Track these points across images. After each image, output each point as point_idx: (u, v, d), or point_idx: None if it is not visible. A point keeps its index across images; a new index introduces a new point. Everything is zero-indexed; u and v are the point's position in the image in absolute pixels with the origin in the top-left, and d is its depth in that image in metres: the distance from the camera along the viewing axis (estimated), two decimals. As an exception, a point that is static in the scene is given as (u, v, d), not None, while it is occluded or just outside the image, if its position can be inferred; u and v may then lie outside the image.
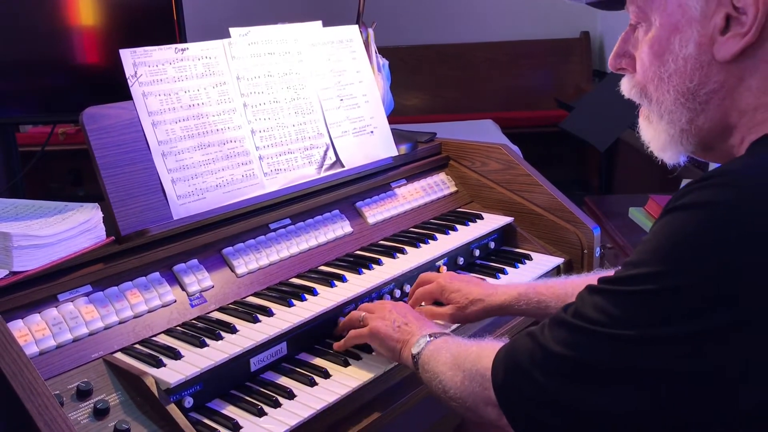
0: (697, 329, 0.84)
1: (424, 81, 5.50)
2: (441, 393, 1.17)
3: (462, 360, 1.14)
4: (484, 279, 1.74)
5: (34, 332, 1.19)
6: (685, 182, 2.81)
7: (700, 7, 0.94)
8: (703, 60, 0.95)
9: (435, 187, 2.02)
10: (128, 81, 1.42)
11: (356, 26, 1.92)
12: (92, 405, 1.14)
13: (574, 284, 1.46)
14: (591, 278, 1.47)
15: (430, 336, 1.27)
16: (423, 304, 1.58)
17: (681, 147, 1.03)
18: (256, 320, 1.37)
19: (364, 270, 1.60)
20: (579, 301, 0.97)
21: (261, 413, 1.22)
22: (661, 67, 0.99)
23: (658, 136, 1.04)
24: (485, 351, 1.11)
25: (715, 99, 0.97)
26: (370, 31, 1.99)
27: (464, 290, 1.51)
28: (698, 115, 0.99)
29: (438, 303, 1.58)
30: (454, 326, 1.53)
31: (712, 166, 2.73)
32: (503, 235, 1.96)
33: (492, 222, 1.92)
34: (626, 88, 1.07)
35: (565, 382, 0.94)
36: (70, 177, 4.95)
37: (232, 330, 1.33)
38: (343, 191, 1.77)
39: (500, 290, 1.51)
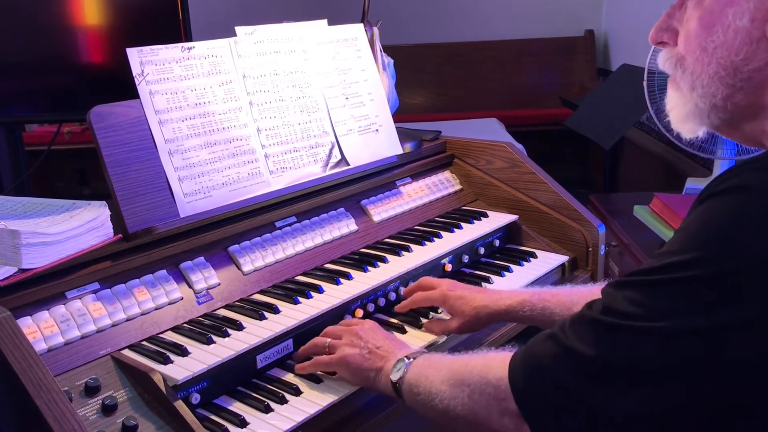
0: (742, 315, 0.81)
1: (428, 79, 5.51)
2: (441, 413, 1.11)
3: (465, 374, 1.09)
4: (489, 277, 1.75)
5: (42, 329, 1.20)
6: (690, 181, 2.81)
7: None
8: (753, 35, 0.92)
9: (440, 185, 2.02)
10: (135, 79, 1.43)
11: (361, 25, 1.93)
12: (100, 401, 1.15)
13: (581, 293, 1.41)
14: (597, 288, 1.44)
15: (408, 358, 1.21)
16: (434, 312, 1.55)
17: (706, 120, 1.00)
18: (262, 317, 1.37)
19: (369, 268, 1.61)
20: (607, 297, 0.93)
21: (268, 409, 1.23)
22: (708, 38, 0.96)
23: (684, 104, 1.01)
24: (493, 361, 1.07)
25: (757, 77, 0.94)
26: (375, 29, 2.00)
27: (468, 297, 1.47)
28: (736, 92, 0.96)
29: (433, 310, 1.56)
30: (442, 339, 1.49)
31: (717, 163, 2.70)
32: (508, 233, 1.96)
33: (497, 220, 1.93)
34: (662, 60, 1.04)
35: (596, 384, 0.90)
36: (76, 176, 4.97)
37: (239, 327, 1.34)
38: (349, 189, 1.77)
39: (504, 295, 1.47)
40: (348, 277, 1.56)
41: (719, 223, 0.84)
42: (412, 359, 1.21)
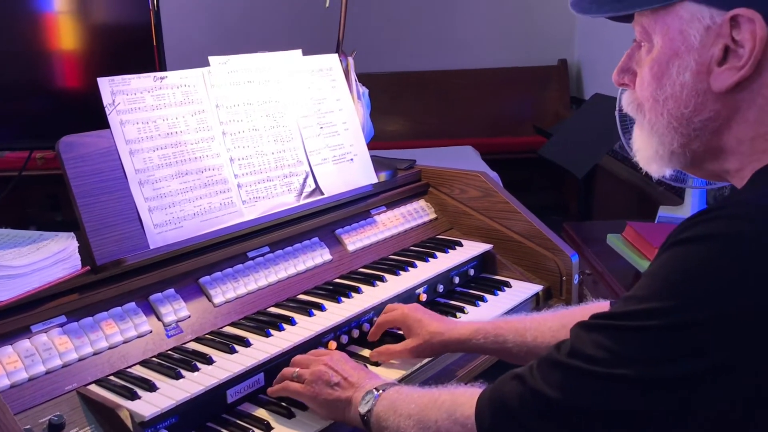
0: (707, 367, 0.81)
1: (404, 107, 5.54)
2: None
3: (433, 410, 1.09)
4: (464, 307, 1.74)
5: (5, 365, 1.17)
6: (662, 209, 2.84)
7: (700, 36, 0.93)
8: (699, 88, 0.95)
9: (415, 214, 2.02)
10: (106, 109, 1.42)
11: (336, 55, 1.93)
12: (64, 439, 1.11)
13: (534, 320, 1.43)
14: (551, 315, 1.45)
15: (377, 390, 1.20)
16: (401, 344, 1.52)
17: (669, 164, 1.03)
18: (232, 351, 1.35)
19: (343, 298, 1.59)
20: (574, 339, 0.93)
21: (237, 446, 1.20)
22: (658, 90, 0.98)
23: (646, 148, 1.04)
24: (461, 398, 1.07)
25: (710, 127, 0.96)
26: (350, 59, 2.01)
27: (425, 321, 1.48)
28: (692, 141, 0.98)
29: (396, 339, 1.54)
30: (413, 368, 1.47)
31: (688, 192, 2.71)
32: (483, 262, 1.96)
33: (471, 249, 1.93)
34: (625, 102, 1.07)
35: (561, 428, 0.90)
36: (48, 201, 4.90)
37: (209, 361, 1.31)
38: (323, 219, 1.77)
39: (459, 325, 1.48)
40: (321, 308, 1.54)
41: (684, 274, 0.84)
42: (381, 391, 1.20)
